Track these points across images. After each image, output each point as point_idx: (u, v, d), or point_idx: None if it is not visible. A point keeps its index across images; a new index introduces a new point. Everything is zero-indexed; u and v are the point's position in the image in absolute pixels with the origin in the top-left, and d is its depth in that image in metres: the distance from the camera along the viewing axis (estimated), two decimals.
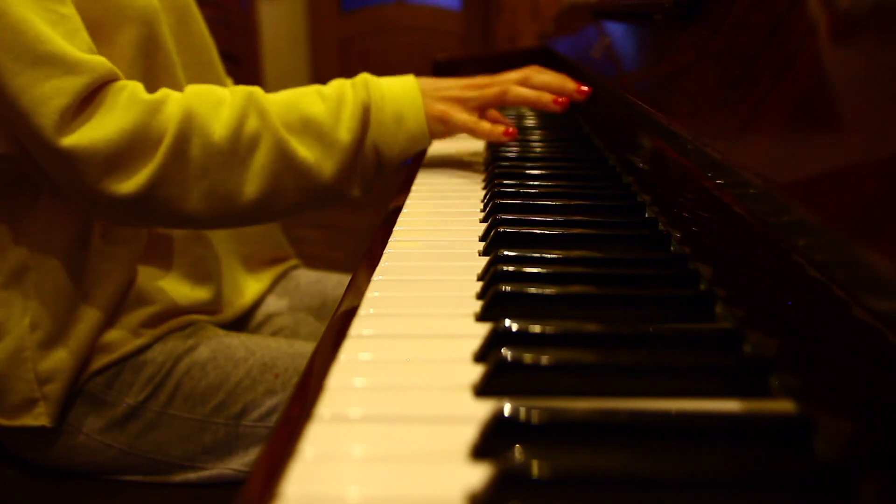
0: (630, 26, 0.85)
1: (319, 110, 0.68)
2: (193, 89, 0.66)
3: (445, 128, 0.72)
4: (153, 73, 0.71)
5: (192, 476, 0.70)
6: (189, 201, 0.64)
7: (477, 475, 0.28)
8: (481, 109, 0.74)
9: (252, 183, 0.65)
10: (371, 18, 3.96)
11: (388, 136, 0.70)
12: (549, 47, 1.40)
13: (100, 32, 0.66)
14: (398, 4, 3.91)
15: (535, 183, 0.71)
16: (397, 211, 0.64)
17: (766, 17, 0.46)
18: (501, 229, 0.53)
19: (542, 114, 1.13)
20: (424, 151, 0.81)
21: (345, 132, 0.67)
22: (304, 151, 0.66)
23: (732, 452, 0.30)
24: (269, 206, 0.67)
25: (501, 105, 0.76)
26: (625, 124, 0.71)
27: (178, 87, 0.70)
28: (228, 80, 1.06)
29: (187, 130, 0.62)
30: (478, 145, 0.94)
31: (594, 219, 0.58)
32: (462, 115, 0.72)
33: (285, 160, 0.65)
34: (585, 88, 0.76)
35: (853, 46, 0.35)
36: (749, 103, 0.43)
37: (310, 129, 0.67)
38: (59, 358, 0.67)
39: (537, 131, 1.01)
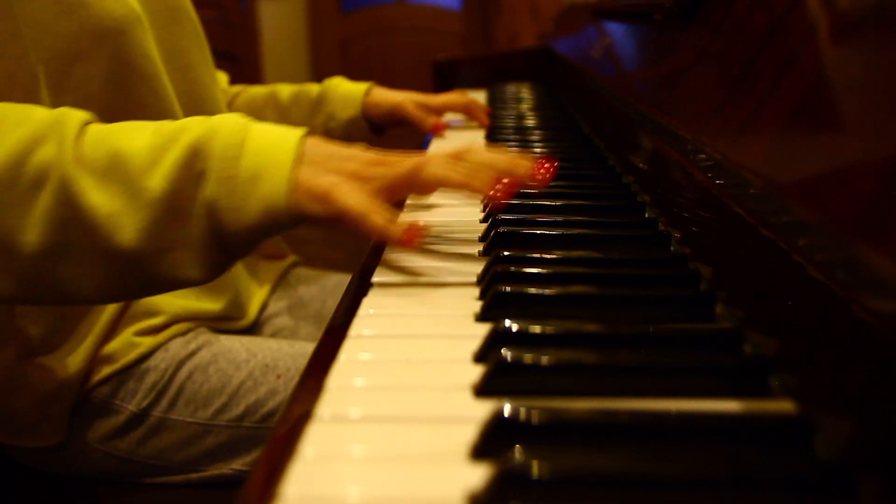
0: (630, 26, 0.85)
1: (139, 146, 0.49)
2: (1, 105, 0.52)
3: (324, 209, 0.49)
4: (134, 85, 0.68)
5: (193, 476, 0.70)
6: None
7: (477, 475, 0.28)
8: (385, 195, 0.52)
9: (32, 230, 0.48)
10: (371, 18, 3.96)
11: (235, 198, 0.49)
12: (549, 47, 1.40)
13: (75, 48, 0.64)
14: (398, 4, 3.91)
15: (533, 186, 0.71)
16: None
17: (766, 17, 0.46)
18: (501, 229, 0.53)
19: (542, 114, 1.13)
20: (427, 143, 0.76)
21: (157, 179, 0.48)
22: (98, 197, 0.48)
23: (732, 452, 0.30)
24: (64, 270, 0.50)
25: (410, 192, 0.55)
26: (625, 124, 0.71)
27: (162, 97, 0.69)
28: (222, 76, 1.06)
29: None
30: (477, 145, 0.94)
31: (594, 219, 0.58)
32: (354, 197, 0.49)
33: (71, 205, 0.48)
34: (546, 168, 0.54)
35: (853, 46, 0.35)
36: (749, 103, 0.43)
37: (116, 169, 0.49)
38: (62, 378, 0.67)
39: (537, 131, 1.01)
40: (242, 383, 0.69)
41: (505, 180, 0.52)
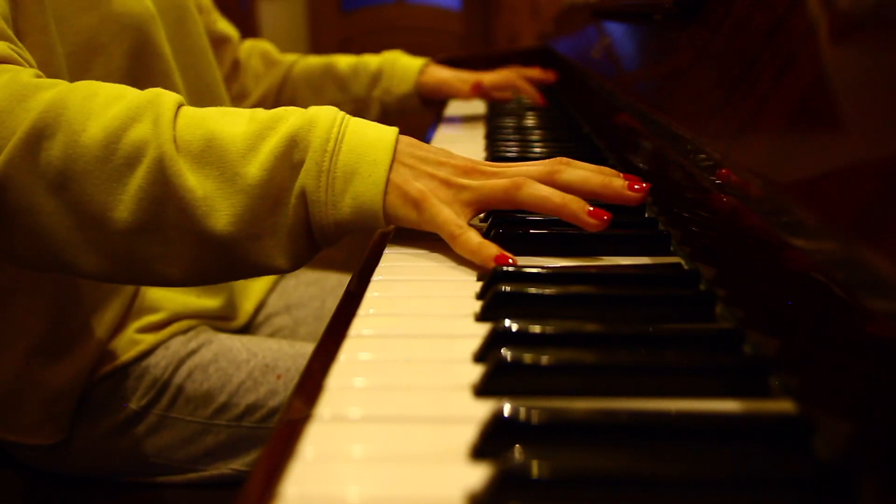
0: (630, 26, 0.85)
1: (235, 132, 0.50)
2: (91, 83, 0.52)
3: (417, 217, 0.50)
4: (149, 80, 0.69)
5: (192, 476, 0.70)
6: (45, 215, 0.49)
7: (477, 475, 0.28)
8: (475, 208, 0.51)
9: (124, 207, 0.48)
10: (371, 18, 3.96)
11: (330, 192, 0.49)
12: (549, 47, 1.40)
13: (95, 42, 0.65)
14: (398, 4, 3.91)
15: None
16: None
17: (766, 17, 0.46)
18: (501, 229, 0.53)
19: (542, 114, 1.13)
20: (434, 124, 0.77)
21: (255, 167, 0.49)
22: (194, 180, 0.48)
23: (732, 452, 0.30)
24: (153, 249, 0.50)
25: (505, 208, 0.52)
26: (624, 124, 0.71)
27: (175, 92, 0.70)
28: (267, 44, 1.08)
29: (51, 123, 0.48)
30: (476, 144, 0.94)
31: None
32: (445, 212, 0.49)
33: (166, 185, 0.48)
34: (640, 186, 0.52)
35: (853, 46, 0.35)
36: (749, 103, 0.43)
37: (212, 153, 0.49)
38: (68, 376, 0.67)
39: (537, 131, 1.01)
40: (242, 383, 0.69)
41: (598, 213, 0.49)
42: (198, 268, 0.51)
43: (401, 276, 0.49)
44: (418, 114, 1.12)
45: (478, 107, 1.25)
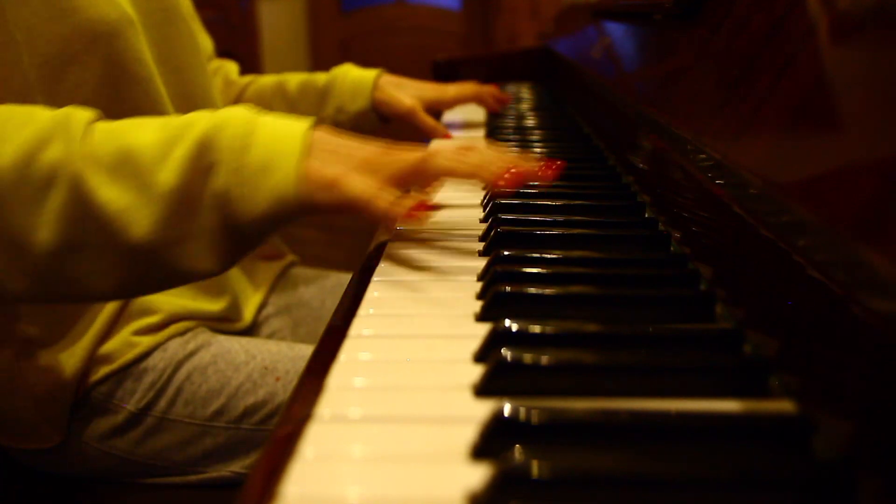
0: (630, 26, 0.85)
1: (148, 141, 0.50)
2: (5, 107, 0.52)
3: (332, 197, 0.50)
4: (128, 87, 0.68)
5: (191, 478, 0.70)
6: None
7: (477, 475, 0.28)
8: (391, 183, 0.52)
9: (45, 229, 0.48)
10: (371, 18, 3.96)
11: (245, 188, 0.50)
12: (549, 47, 1.41)
13: (68, 51, 0.63)
14: (398, 4, 3.91)
15: (535, 183, 0.71)
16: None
17: (766, 17, 0.46)
18: (501, 229, 0.53)
19: (542, 114, 1.13)
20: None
21: (168, 172, 0.49)
22: (109, 193, 0.49)
23: (732, 452, 0.30)
24: (80, 266, 0.50)
25: (418, 181, 0.55)
26: (625, 124, 0.71)
27: (156, 100, 0.69)
28: (232, 65, 1.05)
29: None
30: (477, 144, 0.93)
31: (594, 219, 0.58)
32: (359, 185, 0.50)
33: (83, 202, 0.48)
34: (552, 165, 0.55)
35: (853, 46, 0.35)
36: (749, 103, 0.43)
37: (126, 165, 0.49)
38: (60, 378, 0.67)
39: (537, 131, 1.01)
40: (241, 385, 0.69)
41: (512, 170, 0.53)
42: (129, 279, 0.51)
43: (401, 276, 0.49)
44: (376, 131, 1.01)
45: (478, 108, 1.25)
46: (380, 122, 1.02)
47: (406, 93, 1.01)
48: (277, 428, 0.33)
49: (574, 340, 0.38)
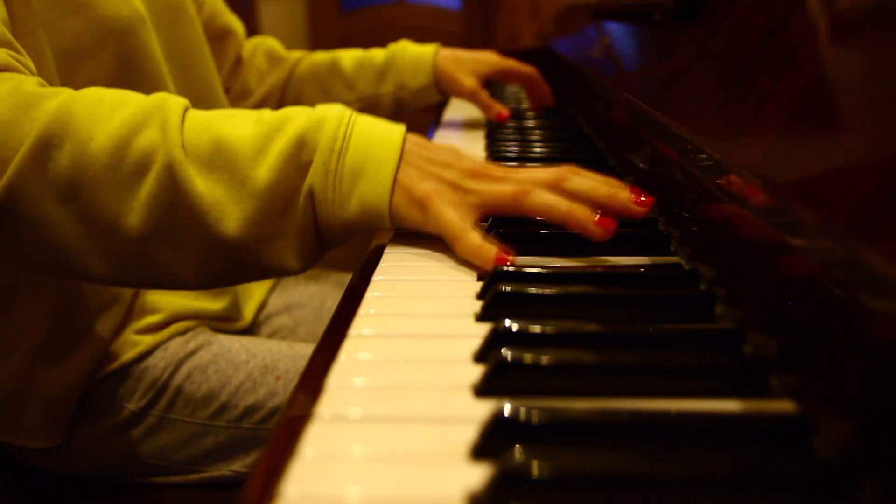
0: (630, 26, 0.85)
1: (243, 135, 0.50)
2: (95, 89, 0.52)
3: (421, 218, 0.50)
4: (138, 84, 0.68)
5: (192, 477, 0.70)
6: (55, 224, 0.49)
7: (477, 475, 0.28)
8: (481, 212, 0.51)
9: (135, 215, 0.48)
10: (371, 18, 3.96)
11: (338, 192, 0.49)
12: (549, 47, 1.40)
13: (81, 46, 0.64)
14: (398, 4, 3.91)
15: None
16: None
17: (766, 17, 0.46)
18: (501, 229, 0.53)
19: (542, 114, 1.13)
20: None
21: (264, 169, 0.49)
22: (203, 185, 0.48)
23: (732, 452, 0.30)
24: (165, 254, 0.50)
25: (511, 214, 0.51)
26: (625, 124, 0.71)
27: None
28: (272, 41, 1.05)
29: (58, 132, 0.48)
30: (477, 145, 0.94)
31: None
32: (449, 214, 0.49)
33: (176, 191, 0.48)
34: (645, 199, 0.51)
35: (853, 46, 0.35)
36: (749, 103, 0.43)
37: (220, 157, 0.49)
38: (69, 379, 0.67)
39: (537, 131, 1.01)
40: (241, 384, 0.69)
41: (604, 220, 0.49)
42: (210, 271, 0.51)
43: (401, 275, 0.49)
44: (434, 107, 1.04)
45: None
46: (440, 97, 1.04)
47: (465, 69, 1.02)
48: (277, 427, 0.33)
49: (574, 340, 0.38)
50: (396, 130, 0.51)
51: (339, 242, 0.52)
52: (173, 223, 0.49)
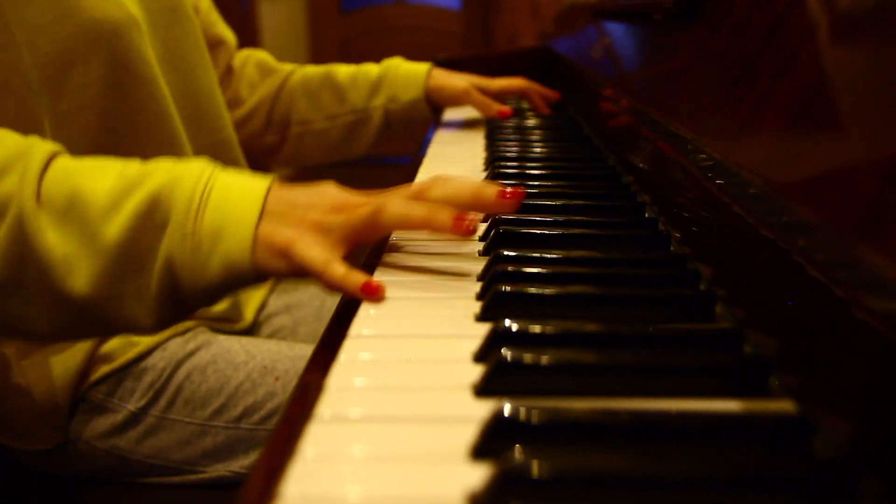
0: (630, 26, 0.85)
1: (100, 188, 0.47)
2: None
3: (287, 265, 0.48)
4: (131, 87, 0.68)
5: (191, 477, 0.70)
6: None
7: (477, 475, 0.28)
8: (346, 243, 0.49)
9: None
10: (371, 18, 3.96)
11: (197, 255, 0.47)
12: (549, 47, 1.40)
13: (72, 52, 0.63)
14: (398, 4, 3.91)
15: (535, 183, 0.71)
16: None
17: (766, 17, 0.46)
18: (501, 229, 0.53)
19: (542, 114, 1.13)
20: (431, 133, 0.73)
21: (115, 227, 0.46)
22: (55, 238, 0.46)
23: (732, 452, 0.30)
24: (15, 307, 0.48)
25: (373, 236, 0.50)
26: (624, 124, 0.71)
27: (159, 100, 0.69)
28: (264, 55, 1.05)
29: None
30: (477, 145, 0.94)
31: (594, 219, 0.58)
32: (314, 253, 0.47)
33: (25, 243, 0.46)
34: (511, 192, 0.50)
35: (853, 46, 0.35)
36: (749, 103, 0.43)
37: (74, 210, 0.47)
38: (59, 377, 0.67)
39: (537, 131, 1.01)
40: (241, 385, 0.69)
41: (464, 216, 0.48)
42: (65, 324, 0.49)
43: (401, 276, 0.49)
44: (425, 122, 1.06)
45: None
46: (431, 112, 1.05)
47: (456, 76, 1.05)
48: (277, 428, 0.33)
49: (574, 340, 0.38)
50: (260, 183, 0.50)
51: (204, 304, 0.50)
52: (22, 276, 0.47)
